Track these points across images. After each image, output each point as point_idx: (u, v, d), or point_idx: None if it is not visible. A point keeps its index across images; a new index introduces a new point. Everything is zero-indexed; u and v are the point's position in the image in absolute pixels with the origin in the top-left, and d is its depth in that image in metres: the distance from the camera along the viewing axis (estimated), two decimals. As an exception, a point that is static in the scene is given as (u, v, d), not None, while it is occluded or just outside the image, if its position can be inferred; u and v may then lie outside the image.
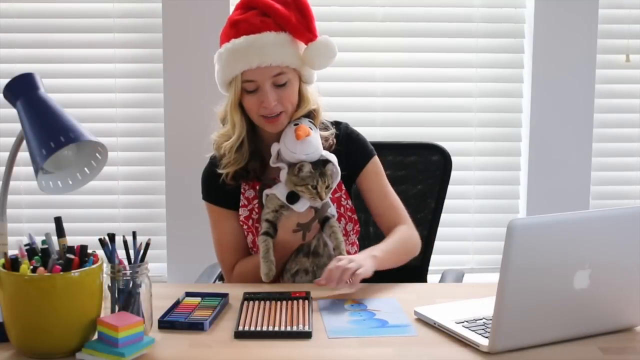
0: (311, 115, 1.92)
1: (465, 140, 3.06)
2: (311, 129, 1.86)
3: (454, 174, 2.20)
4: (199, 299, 1.65)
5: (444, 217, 2.22)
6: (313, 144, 1.83)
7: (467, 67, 3.04)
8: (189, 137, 2.91)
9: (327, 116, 1.99)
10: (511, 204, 3.11)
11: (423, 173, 2.20)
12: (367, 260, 1.75)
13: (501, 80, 3.06)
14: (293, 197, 1.84)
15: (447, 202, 2.21)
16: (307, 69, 1.89)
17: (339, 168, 1.86)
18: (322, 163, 1.84)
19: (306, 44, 1.86)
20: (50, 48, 2.99)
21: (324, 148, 1.89)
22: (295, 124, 1.86)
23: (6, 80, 1.48)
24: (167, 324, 1.51)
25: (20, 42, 2.98)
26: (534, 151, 3.04)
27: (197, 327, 1.50)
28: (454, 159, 2.20)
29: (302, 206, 1.84)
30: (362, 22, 3.01)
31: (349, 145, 1.96)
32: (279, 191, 1.85)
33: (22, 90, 1.47)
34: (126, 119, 3.03)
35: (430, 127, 3.06)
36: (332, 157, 1.86)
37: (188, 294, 1.68)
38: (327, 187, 1.83)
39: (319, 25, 1.90)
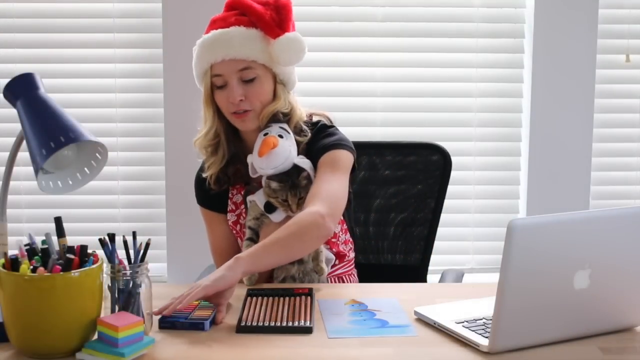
0: (284, 118, 1.87)
1: (465, 140, 3.06)
2: (281, 136, 1.81)
3: (454, 174, 2.20)
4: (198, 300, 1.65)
5: (444, 217, 2.22)
6: (280, 155, 1.79)
7: (467, 67, 3.04)
8: (189, 137, 2.87)
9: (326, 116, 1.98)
10: (511, 204, 3.11)
11: (423, 173, 2.20)
12: (220, 273, 1.59)
13: (501, 80, 3.06)
14: (270, 207, 1.82)
15: (447, 202, 2.21)
16: (281, 67, 1.86)
17: (311, 175, 1.83)
18: (296, 173, 1.80)
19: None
20: (50, 48, 2.99)
21: (299, 153, 1.85)
22: (265, 133, 1.82)
23: (6, 80, 1.48)
24: (167, 323, 1.51)
25: (20, 42, 2.98)
26: (534, 151, 3.04)
27: (197, 327, 1.50)
28: (454, 159, 2.20)
29: (278, 216, 1.83)
30: (362, 22, 3.01)
31: (314, 141, 1.89)
32: (259, 199, 1.84)
33: (22, 90, 1.47)
34: (126, 119, 3.03)
35: (430, 127, 3.06)
36: (306, 164, 1.82)
37: None
38: (299, 199, 1.80)
39: (318, 26, 1.90)
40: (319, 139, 1.89)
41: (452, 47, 3.03)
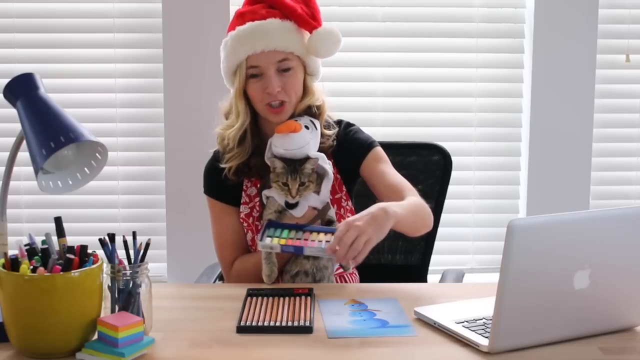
0: (315, 113, 1.91)
1: (465, 140, 3.06)
2: (307, 127, 1.85)
3: (454, 174, 2.20)
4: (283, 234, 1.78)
5: (444, 217, 2.22)
6: (297, 141, 1.82)
7: (467, 67, 3.04)
8: (189, 137, 2.91)
9: (332, 115, 1.99)
10: (511, 204, 3.11)
11: (423, 173, 2.20)
12: (380, 221, 1.66)
13: (501, 80, 3.06)
14: (291, 202, 1.83)
15: (447, 202, 2.21)
16: (312, 59, 1.91)
17: (328, 169, 1.84)
18: (302, 161, 1.82)
19: (311, 32, 1.88)
20: (50, 48, 2.99)
21: (324, 148, 1.89)
22: (295, 120, 1.86)
23: (6, 80, 1.48)
24: (297, 249, 1.70)
25: (20, 42, 2.98)
26: (534, 151, 3.04)
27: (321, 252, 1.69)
28: (454, 159, 2.20)
29: (300, 211, 1.83)
30: (362, 22, 3.02)
31: (347, 142, 1.95)
32: (277, 194, 1.84)
33: (22, 90, 1.47)
34: (126, 119, 3.03)
35: (430, 127, 3.06)
36: (321, 158, 1.84)
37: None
38: (300, 185, 1.80)
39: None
40: (350, 136, 1.96)
41: (452, 47, 3.03)
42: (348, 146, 1.95)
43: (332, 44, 1.88)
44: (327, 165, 1.86)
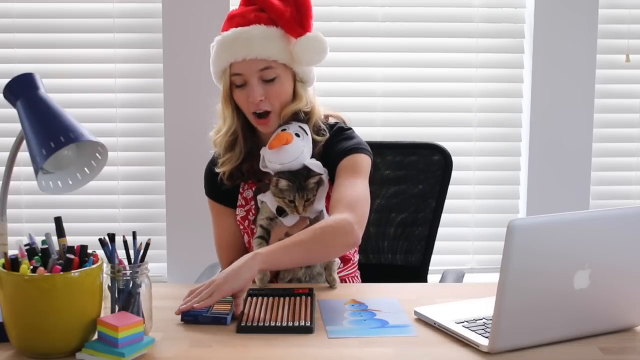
0: (303, 118, 1.87)
1: (465, 140, 3.06)
2: (297, 135, 1.80)
3: (454, 174, 2.20)
4: None
5: (444, 217, 2.21)
6: (291, 153, 1.77)
7: (467, 67, 3.04)
8: (189, 137, 2.91)
9: (334, 115, 1.97)
10: (511, 204, 3.12)
11: (424, 173, 2.20)
12: (236, 272, 1.59)
13: (501, 80, 3.06)
14: (283, 210, 1.81)
15: (447, 202, 2.21)
16: (302, 67, 1.86)
17: (324, 179, 1.82)
18: (305, 175, 1.78)
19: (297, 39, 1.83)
20: (50, 48, 2.99)
21: (315, 154, 1.84)
22: (283, 129, 1.82)
23: (6, 80, 1.48)
24: (190, 317, 1.52)
25: (20, 42, 2.98)
26: (534, 151, 3.04)
27: (219, 321, 1.52)
28: (454, 159, 2.20)
29: (291, 220, 1.82)
30: (362, 22, 3.02)
31: (330, 148, 1.88)
32: (270, 202, 1.82)
33: (22, 90, 1.47)
34: (126, 119, 3.03)
35: (430, 127, 3.06)
36: (317, 167, 1.80)
37: None
38: (306, 201, 1.77)
39: (318, 25, 1.89)
40: (336, 142, 1.88)
41: (452, 47, 3.03)
42: (330, 153, 1.87)
43: (316, 52, 1.82)
44: (324, 174, 1.82)
